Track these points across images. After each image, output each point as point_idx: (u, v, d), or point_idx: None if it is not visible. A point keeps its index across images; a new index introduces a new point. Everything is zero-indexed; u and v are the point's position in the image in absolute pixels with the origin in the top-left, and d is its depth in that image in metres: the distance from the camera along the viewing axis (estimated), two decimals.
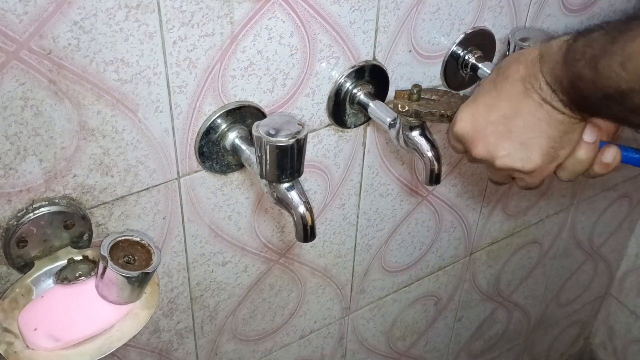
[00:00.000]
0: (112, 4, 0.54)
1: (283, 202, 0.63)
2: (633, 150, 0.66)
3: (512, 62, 0.62)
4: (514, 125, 0.60)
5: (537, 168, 0.62)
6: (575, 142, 0.62)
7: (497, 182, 0.68)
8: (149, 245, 0.65)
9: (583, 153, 0.62)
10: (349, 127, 0.77)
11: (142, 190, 0.66)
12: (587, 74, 0.54)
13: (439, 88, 0.72)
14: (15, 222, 0.60)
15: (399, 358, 1.17)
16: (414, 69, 0.78)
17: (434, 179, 0.71)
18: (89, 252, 0.64)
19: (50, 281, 0.63)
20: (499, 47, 0.83)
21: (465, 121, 0.64)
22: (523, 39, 0.75)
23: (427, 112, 0.68)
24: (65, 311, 0.62)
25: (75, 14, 0.53)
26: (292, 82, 0.69)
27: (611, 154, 0.64)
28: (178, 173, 0.68)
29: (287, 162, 0.60)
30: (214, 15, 0.60)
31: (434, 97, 0.69)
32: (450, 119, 0.68)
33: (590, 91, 0.55)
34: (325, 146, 0.77)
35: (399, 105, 0.69)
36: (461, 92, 0.76)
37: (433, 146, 0.70)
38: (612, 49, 0.52)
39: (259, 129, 0.59)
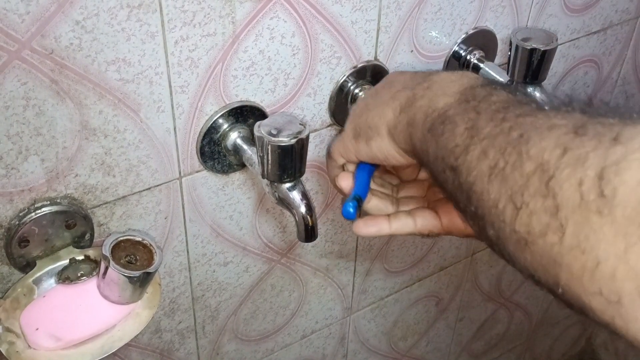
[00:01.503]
0: (114, 3, 0.54)
1: (284, 202, 0.63)
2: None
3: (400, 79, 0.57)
4: (372, 105, 0.57)
5: (345, 134, 0.59)
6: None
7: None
8: (150, 245, 0.65)
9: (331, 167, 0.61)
10: None
11: (144, 190, 0.66)
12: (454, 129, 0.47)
13: None
14: (17, 222, 0.60)
15: (400, 358, 1.16)
16: (416, 69, 0.78)
17: None
18: (91, 252, 0.64)
19: (52, 281, 0.63)
20: (501, 47, 0.83)
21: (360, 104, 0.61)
22: (525, 39, 0.75)
23: None
24: (67, 311, 0.62)
25: (77, 14, 0.53)
26: (293, 82, 0.69)
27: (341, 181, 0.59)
28: (180, 173, 0.68)
29: (289, 162, 0.60)
30: (216, 15, 0.60)
31: None
32: None
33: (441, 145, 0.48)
34: (327, 146, 0.77)
35: None
36: None
37: None
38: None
39: (261, 128, 0.59)
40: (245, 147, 0.66)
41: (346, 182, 0.59)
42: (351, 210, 0.56)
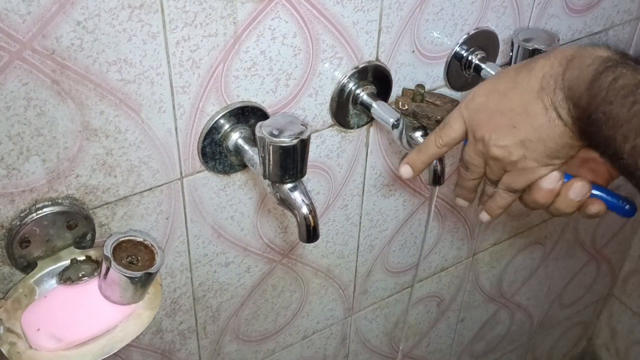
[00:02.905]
0: (115, 4, 0.54)
1: (286, 203, 0.63)
2: (616, 196, 0.62)
3: (542, 56, 0.60)
4: (520, 123, 0.59)
5: (529, 168, 0.61)
6: (571, 158, 0.60)
7: (488, 177, 0.66)
8: (152, 245, 0.65)
9: (545, 184, 0.61)
10: (352, 128, 0.77)
11: (145, 191, 0.66)
12: (601, 117, 0.52)
13: (447, 95, 0.71)
14: (18, 223, 0.60)
15: (401, 359, 1.16)
16: (417, 70, 0.78)
17: (437, 179, 0.71)
18: (92, 253, 0.64)
19: (53, 281, 0.63)
20: (502, 48, 0.83)
21: (481, 98, 0.62)
22: (526, 40, 0.75)
23: (423, 115, 0.68)
24: (68, 311, 0.62)
25: (78, 14, 0.53)
26: (295, 83, 0.69)
27: (576, 191, 0.61)
28: (181, 173, 0.68)
29: (290, 162, 0.60)
30: (217, 15, 0.60)
31: (438, 102, 0.69)
32: None
33: (598, 132, 0.53)
34: (328, 147, 0.77)
35: (400, 103, 0.69)
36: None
37: None
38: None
39: (262, 129, 0.59)
40: (246, 147, 0.66)
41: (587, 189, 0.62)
42: (628, 206, 0.61)
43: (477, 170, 0.65)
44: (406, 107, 0.68)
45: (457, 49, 0.79)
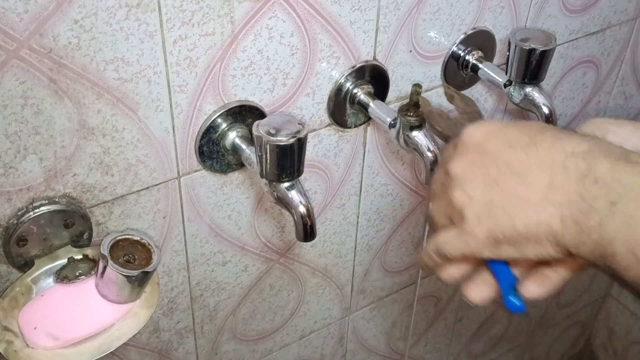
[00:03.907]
0: (112, 2, 0.54)
1: (283, 202, 0.63)
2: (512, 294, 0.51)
3: (554, 136, 0.47)
4: (503, 185, 0.47)
5: (473, 238, 0.49)
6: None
7: (431, 218, 0.54)
8: (149, 244, 0.65)
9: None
10: (349, 127, 0.77)
11: (142, 190, 0.66)
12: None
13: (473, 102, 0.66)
14: (15, 221, 0.60)
15: (399, 359, 1.16)
16: (414, 69, 0.78)
17: None
18: (89, 251, 0.64)
19: (50, 280, 0.63)
20: (500, 48, 0.83)
21: (480, 131, 0.50)
22: (523, 40, 0.75)
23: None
24: (65, 310, 0.62)
25: (75, 13, 0.53)
26: (292, 82, 0.69)
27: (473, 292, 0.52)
28: (178, 172, 0.68)
29: (287, 161, 0.60)
30: (215, 14, 0.60)
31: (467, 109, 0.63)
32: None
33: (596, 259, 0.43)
34: (325, 146, 0.77)
35: (449, 96, 0.64)
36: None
37: (434, 146, 0.70)
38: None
39: (259, 128, 0.59)
40: (243, 146, 0.66)
41: (485, 294, 0.52)
42: (519, 303, 0.51)
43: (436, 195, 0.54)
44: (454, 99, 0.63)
45: (455, 48, 0.80)
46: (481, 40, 0.81)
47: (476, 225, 0.48)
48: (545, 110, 0.77)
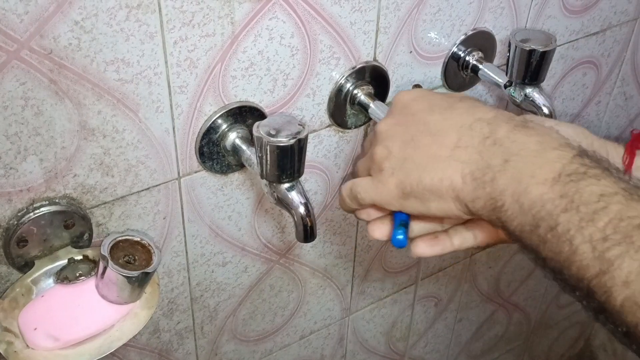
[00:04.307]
0: (113, 4, 0.54)
1: (283, 203, 0.63)
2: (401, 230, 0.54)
3: (470, 105, 0.52)
4: (419, 142, 0.51)
5: (384, 189, 0.53)
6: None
7: (356, 172, 0.58)
8: (149, 245, 0.65)
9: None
10: (350, 128, 0.77)
11: (143, 190, 0.66)
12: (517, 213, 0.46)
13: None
14: (16, 222, 0.60)
15: (399, 359, 1.16)
16: (415, 70, 0.78)
17: None
18: (89, 252, 0.64)
19: (50, 281, 0.63)
20: (500, 48, 0.83)
21: (410, 95, 0.56)
22: (524, 40, 0.75)
23: None
24: (65, 311, 0.62)
25: (76, 14, 0.53)
26: (292, 83, 0.69)
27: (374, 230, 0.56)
28: (178, 173, 0.68)
29: (288, 162, 0.60)
30: (215, 15, 0.60)
31: None
32: None
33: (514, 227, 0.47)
34: (325, 147, 0.77)
35: None
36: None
37: None
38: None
39: (260, 129, 0.59)
40: (244, 147, 0.66)
41: (383, 232, 0.56)
42: (401, 237, 0.53)
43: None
44: None
45: (455, 49, 0.80)
46: (481, 41, 0.81)
47: (389, 176, 0.52)
48: (546, 110, 0.77)
